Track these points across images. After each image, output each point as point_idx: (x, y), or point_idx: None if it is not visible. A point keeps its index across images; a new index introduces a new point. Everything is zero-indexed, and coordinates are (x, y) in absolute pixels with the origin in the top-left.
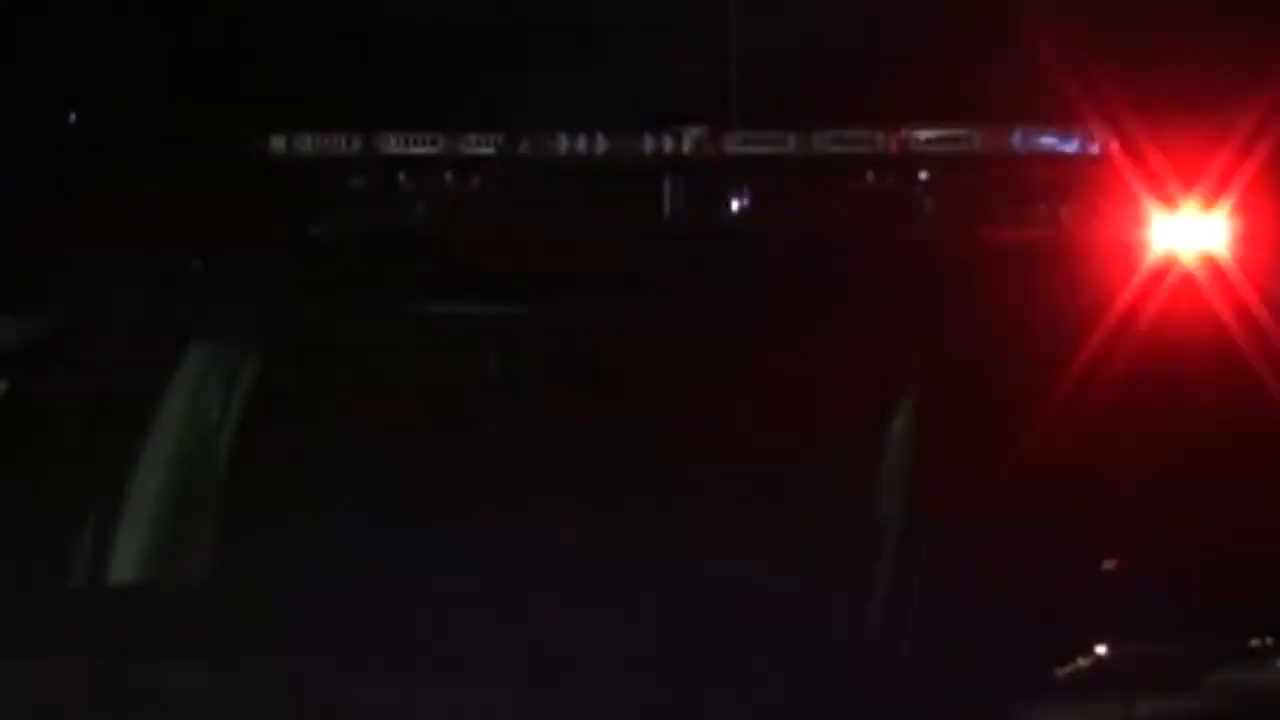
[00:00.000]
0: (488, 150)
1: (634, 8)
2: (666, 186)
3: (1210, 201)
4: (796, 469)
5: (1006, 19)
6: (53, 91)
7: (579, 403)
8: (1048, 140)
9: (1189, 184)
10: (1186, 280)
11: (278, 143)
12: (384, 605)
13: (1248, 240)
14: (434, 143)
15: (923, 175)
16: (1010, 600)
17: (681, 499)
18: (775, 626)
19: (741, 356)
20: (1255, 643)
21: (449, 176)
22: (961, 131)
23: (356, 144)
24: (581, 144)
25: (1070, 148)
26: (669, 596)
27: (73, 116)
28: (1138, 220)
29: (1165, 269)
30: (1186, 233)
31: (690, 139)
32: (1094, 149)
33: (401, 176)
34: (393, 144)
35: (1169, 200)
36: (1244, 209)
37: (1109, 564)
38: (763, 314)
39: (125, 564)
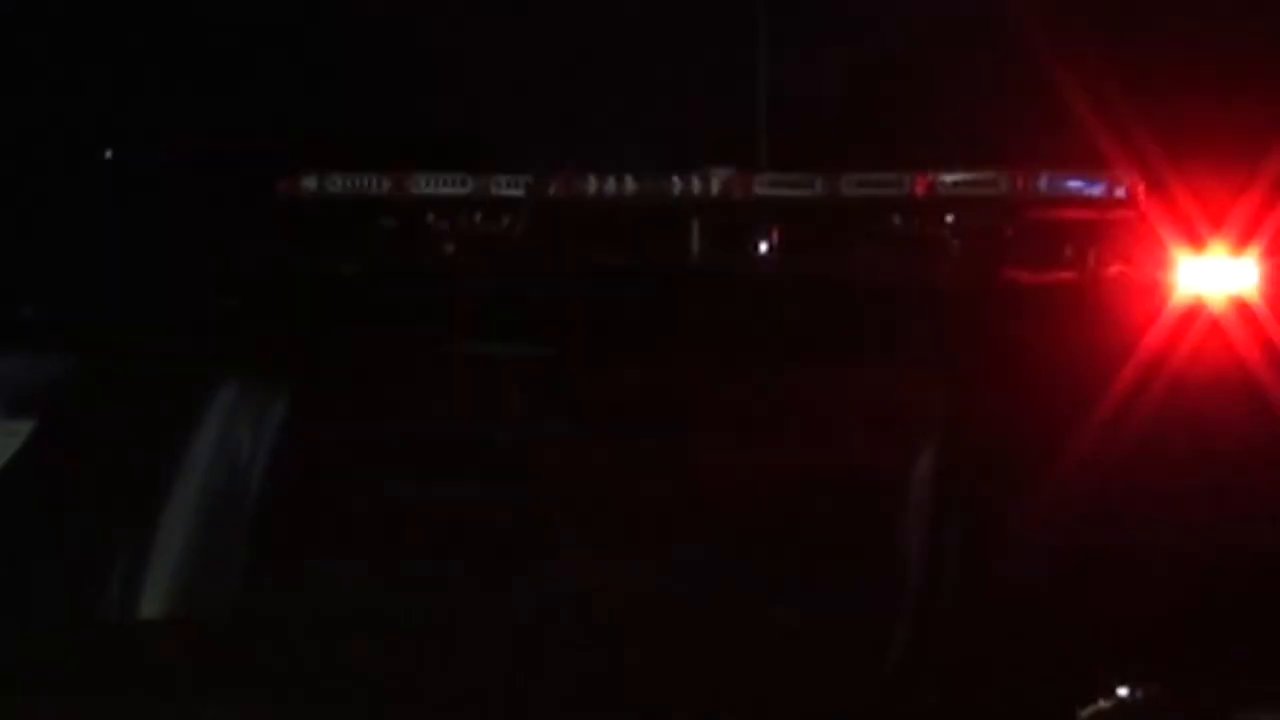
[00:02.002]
0: (516, 192)
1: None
2: (694, 228)
3: (1239, 245)
4: (825, 507)
5: (1035, 65)
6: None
7: (608, 444)
8: (1075, 184)
9: (1217, 227)
10: (1213, 323)
11: (309, 182)
12: (411, 641)
13: (1276, 283)
14: (463, 184)
15: (949, 218)
16: (1037, 637)
17: (709, 538)
18: (799, 663)
19: (769, 397)
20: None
21: (478, 217)
22: (988, 175)
23: (386, 185)
24: (611, 186)
25: (1097, 191)
26: (701, 634)
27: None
28: (1165, 263)
29: (1193, 311)
30: (1214, 275)
31: (717, 181)
32: (1121, 192)
33: (430, 217)
34: (423, 185)
35: (1197, 243)
36: (1273, 252)
37: (1135, 602)
38: (791, 355)
39: (155, 600)
